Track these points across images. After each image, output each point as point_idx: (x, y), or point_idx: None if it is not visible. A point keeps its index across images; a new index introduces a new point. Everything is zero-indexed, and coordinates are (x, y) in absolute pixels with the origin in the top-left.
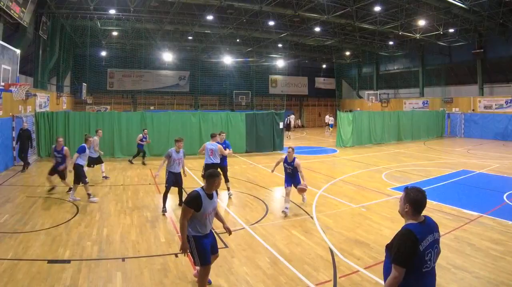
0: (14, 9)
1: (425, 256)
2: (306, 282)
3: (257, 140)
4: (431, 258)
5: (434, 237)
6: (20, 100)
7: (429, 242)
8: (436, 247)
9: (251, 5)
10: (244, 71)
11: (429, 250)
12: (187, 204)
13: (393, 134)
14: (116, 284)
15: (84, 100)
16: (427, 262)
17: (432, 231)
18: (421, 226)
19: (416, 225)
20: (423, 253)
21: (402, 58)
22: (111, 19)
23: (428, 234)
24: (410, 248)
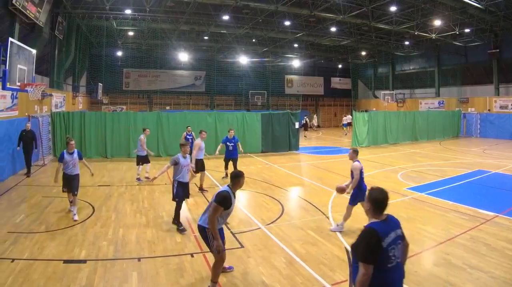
0: (30, 9)
1: (388, 252)
2: (322, 282)
3: (273, 141)
4: (395, 253)
5: (396, 233)
6: (36, 100)
7: (392, 239)
8: (399, 243)
9: (267, 5)
10: (260, 71)
11: (392, 246)
12: (220, 203)
13: (408, 134)
14: (132, 284)
15: (100, 100)
16: (391, 257)
17: (395, 228)
18: (383, 224)
19: (379, 223)
20: (387, 249)
21: (418, 58)
22: (127, 19)
23: (390, 231)
24: (374, 246)
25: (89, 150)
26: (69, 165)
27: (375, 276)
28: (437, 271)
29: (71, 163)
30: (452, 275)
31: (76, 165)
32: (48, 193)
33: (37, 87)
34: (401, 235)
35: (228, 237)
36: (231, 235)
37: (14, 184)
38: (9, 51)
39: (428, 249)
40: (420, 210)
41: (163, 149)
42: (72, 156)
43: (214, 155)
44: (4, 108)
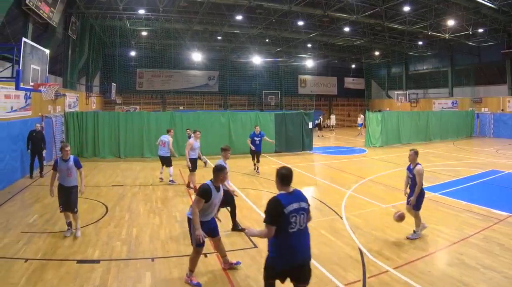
0: (43, 9)
1: (290, 218)
2: (335, 282)
3: (287, 140)
4: (296, 221)
5: (300, 205)
6: (49, 100)
7: (294, 208)
8: (302, 213)
9: (280, 5)
10: (273, 71)
11: (293, 214)
12: (200, 196)
13: (422, 134)
14: (145, 284)
15: (113, 100)
16: (292, 223)
17: (299, 200)
18: (288, 195)
19: (284, 195)
20: (288, 215)
21: (431, 58)
22: (140, 19)
23: (294, 202)
24: (276, 211)
25: (102, 150)
26: (63, 174)
27: (281, 238)
28: (450, 271)
29: (65, 172)
30: (466, 275)
31: (73, 174)
32: None
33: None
34: (305, 208)
35: (242, 236)
36: (244, 234)
37: (27, 183)
38: (23, 51)
39: (442, 249)
40: (434, 210)
41: (176, 149)
42: (67, 163)
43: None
44: (17, 108)
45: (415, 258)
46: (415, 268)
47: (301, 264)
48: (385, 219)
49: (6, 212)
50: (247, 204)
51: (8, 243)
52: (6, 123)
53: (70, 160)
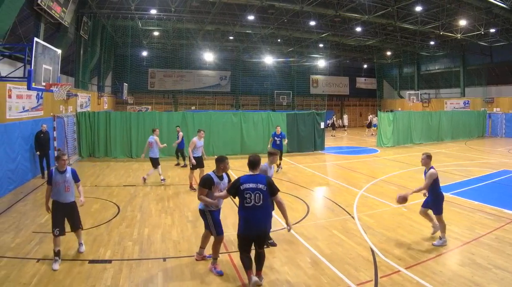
0: (55, 9)
1: (244, 194)
2: (347, 282)
3: (298, 140)
4: (250, 197)
5: (257, 186)
6: (61, 100)
7: (250, 187)
8: (257, 193)
9: (292, 5)
10: (285, 71)
11: (248, 191)
12: (201, 185)
13: (433, 134)
14: (157, 284)
15: (125, 100)
16: (246, 199)
17: (257, 182)
18: (249, 177)
19: (246, 176)
20: (243, 191)
21: (443, 58)
22: (152, 19)
23: (251, 182)
24: (234, 185)
25: (114, 150)
26: (60, 188)
27: (241, 211)
28: (462, 271)
29: (62, 185)
30: (478, 275)
31: (71, 189)
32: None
33: (62, 87)
34: (262, 189)
35: None
36: None
37: (39, 184)
38: (34, 51)
39: (453, 249)
40: (446, 210)
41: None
42: (63, 175)
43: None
44: (29, 108)
45: (427, 258)
46: (427, 268)
47: (257, 234)
48: (397, 219)
49: (18, 211)
50: None
51: (20, 243)
52: (18, 123)
53: (67, 171)
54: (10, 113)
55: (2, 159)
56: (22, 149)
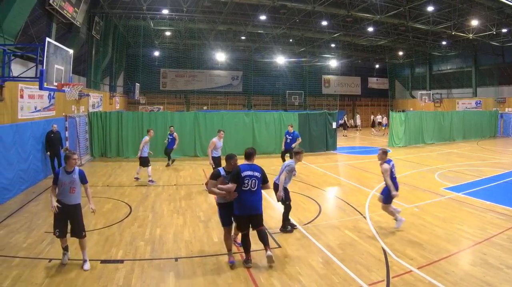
0: (67, 9)
1: (244, 179)
2: (359, 282)
3: (310, 140)
4: (248, 183)
5: (253, 173)
6: (73, 100)
7: (248, 174)
8: (254, 179)
9: (304, 5)
10: (297, 71)
11: (247, 178)
12: (210, 178)
13: (445, 134)
14: (169, 284)
15: (137, 100)
16: (244, 184)
17: (253, 170)
18: (247, 165)
19: (244, 164)
20: (243, 177)
21: (455, 58)
22: (164, 19)
23: (249, 170)
24: (237, 173)
25: (126, 150)
26: (65, 188)
27: (239, 193)
28: (474, 271)
29: (68, 186)
30: (489, 275)
31: (77, 190)
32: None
33: (74, 87)
34: (257, 176)
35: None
36: (268, 234)
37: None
38: (46, 51)
39: (465, 249)
40: (457, 210)
41: (200, 148)
42: (70, 176)
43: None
44: (41, 108)
45: (439, 258)
46: (439, 268)
47: (252, 214)
48: (409, 219)
49: (30, 212)
50: (271, 204)
51: (32, 243)
52: (30, 124)
53: (74, 172)
54: (22, 113)
55: (14, 159)
56: (34, 149)
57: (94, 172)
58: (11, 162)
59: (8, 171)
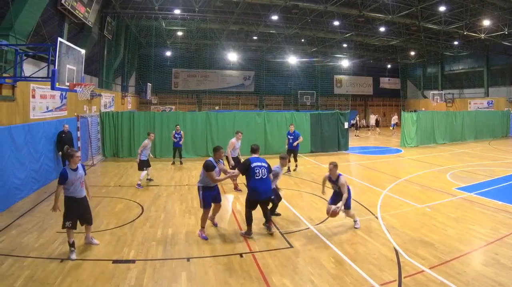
0: (79, 9)
1: (255, 169)
2: (371, 282)
3: (322, 140)
4: (259, 172)
5: (261, 164)
6: (85, 100)
7: (257, 165)
8: (262, 169)
9: (316, 5)
10: (309, 71)
11: (257, 168)
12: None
13: (457, 134)
14: (181, 284)
15: (149, 100)
16: (256, 173)
17: (261, 162)
18: (255, 158)
19: (253, 157)
20: (253, 168)
21: (466, 58)
22: (176, 19)
23: (257, 161)
24: (246, 165)
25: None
26: (76, 185)
27: (251, 182)
28: (486, 271)
29: (78, 181)
30: (501, 276)
31: (83, 183)
32: (97, 193)
33: (86, 87)
34: (265, 166)
35: (277, 236)
36: (280, 234)
37: None
38: (58, 51)
39: (477, 249)
40: (469, 210)
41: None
42: (77, 173)
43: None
44: (53, 108)
45: (451, 258)
46: (451, 268)
47: (264, 198)
48: (421, 219)
49: (42, 211)
50: (282, 204)
51: (43, 243)
52: (42, 124)
53: (79, 168)
54: (34, 113)
55: (26, 159)
56: (46, 149)
57: (106, 172)
58: (23, 162)
59: (20, 171)
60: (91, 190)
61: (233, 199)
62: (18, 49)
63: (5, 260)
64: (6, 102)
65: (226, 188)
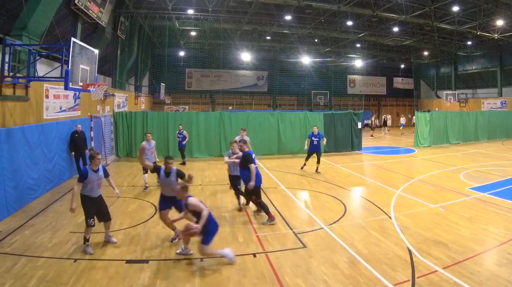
0: (92, 9)
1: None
2: (384, 282)
3: (336, 141)
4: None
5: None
6: (98, 100)
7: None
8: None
9: (329, 5)
10: (322, 71)
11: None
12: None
13: (470, 134)
14: (194, 284)
15: (162, 100)
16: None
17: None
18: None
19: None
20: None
21: (480, 58)
22: (189, 19)
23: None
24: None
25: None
26: (94, 185)
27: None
28: (499, 271)
29: (96, 183)
30: None
31: (101, 184)
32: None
33: (99, 87)
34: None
35: (291, 237)
36: (293, 235)
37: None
38: (72, 51)
39: (491, 249)
40: (483, 210)
41: (225, 148)
42: (97, 174)
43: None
44: (66, 108)
45: (464, 258)
46: (464, 268)
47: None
48: (434, 219)
49: (56, 211)
50: (297, 204)
51: (57, 243)
52: (55, 123)
53: (100, 170)
54: (47, 113)
55: (39, 159)
56: (59, 149)
57: (120, 172)
58: (36, 162)
59: (33, 171)
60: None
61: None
62: (32, 49)
63: (18, 260)
64: (19, 102)
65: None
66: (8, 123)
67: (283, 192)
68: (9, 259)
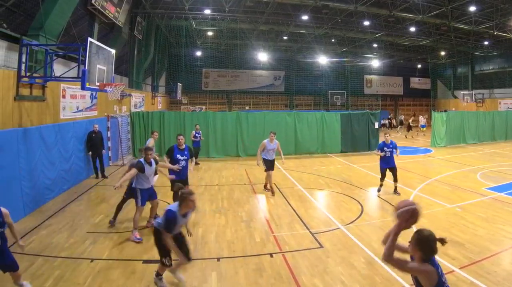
0: (109, 9)
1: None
2: (401, 282)
3: (353, 141)
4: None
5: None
6: (115, 100)
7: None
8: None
9: (346, 5)
10: (339, 71)
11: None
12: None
13: (487, 134)
14: (211, 284)
15: (179, 100)
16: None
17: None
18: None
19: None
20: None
21: (497, 58)
22: (206, 19)
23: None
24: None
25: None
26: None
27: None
28: None
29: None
30: None
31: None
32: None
33: (116, 87)
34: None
35: (308, 237)
36: (310, 235)
37: (93, 184)
38: (89, 51)
39: (508, 249)
40: (500, 210)
41: (242, 148)
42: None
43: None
44: (83, 108)
45: (481, 258)
46: (481, 268)
47: None
48: (451, 219)
49: (73, 211)
50: (313, 204)
51: (74, 243)
52: (72, 124)
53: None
54: (64, 113)
55: (56, 159)
56: (76, 149)
57: None
58: (53, 162)
59: (50, 171)
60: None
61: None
62: (49, 49)
63: (35, 260)
64: (36, 102)
65: (256, 188)
66: (25, 123)
67: (300, 192)
68: (26, 259)
